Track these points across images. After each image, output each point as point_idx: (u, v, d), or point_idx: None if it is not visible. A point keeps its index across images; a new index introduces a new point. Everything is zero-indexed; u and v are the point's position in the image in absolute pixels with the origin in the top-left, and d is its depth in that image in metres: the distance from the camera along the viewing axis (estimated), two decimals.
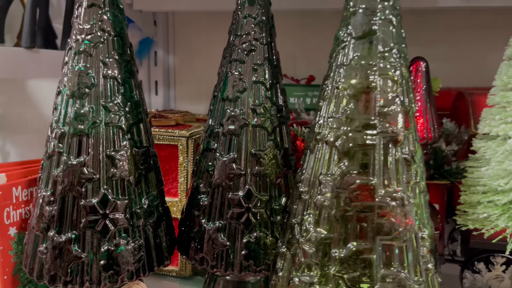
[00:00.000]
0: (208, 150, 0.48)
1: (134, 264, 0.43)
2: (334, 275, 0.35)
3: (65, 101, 0.42)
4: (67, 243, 0.41)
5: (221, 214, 0.46)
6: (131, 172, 0.43)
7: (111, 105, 0.42)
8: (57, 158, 0.42)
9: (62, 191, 0.41)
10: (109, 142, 0.42)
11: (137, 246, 0.43)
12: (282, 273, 0.39)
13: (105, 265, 0.42)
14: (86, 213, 0.41)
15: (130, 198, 0.43)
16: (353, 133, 0.35)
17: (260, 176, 0.46)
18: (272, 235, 0.46)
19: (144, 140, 0.46)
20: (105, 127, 0.42)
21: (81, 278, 0.41)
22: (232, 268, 0.46)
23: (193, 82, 0.99)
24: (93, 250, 0.41)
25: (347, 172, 0.35)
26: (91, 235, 0.41)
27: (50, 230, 0.42)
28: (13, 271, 0.48)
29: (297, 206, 0.39)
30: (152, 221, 0.45)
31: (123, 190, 0.43)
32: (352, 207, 0.35)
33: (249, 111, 0.46)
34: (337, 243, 0.35)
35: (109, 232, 0.42)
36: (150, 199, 0.45)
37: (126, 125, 0.43)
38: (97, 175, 0.42)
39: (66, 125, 0.42)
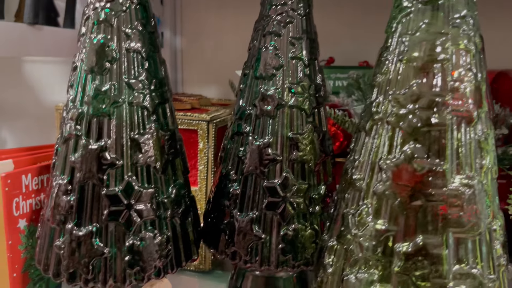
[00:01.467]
0: (239, 133, 0.43)
1: (161, 260, 0.39)
2: (398, 272, 0.31)
3: (83, 78, 0.37)
4: (87, 237, 0.36)
5: (255, 204, 0.42)
6: (157, 158, 0.38)
7: (135, 82, 0.38)
8: (75, 142, 0.37)
9: (81, 179, 0.37)
10: (133, 124, 0.38)
11: (164, 239, 0.39)
12: (332, 269, 0.35)
13: (130, 261, 0.37)
14: (109, 203, 0.37)
15: (157, 186, 0.39)
16: (421, 111, 0.31)
17: (298, 163, 0.42)
18: (311, 227, 0.42)
19: (170, 123, 0.41)
20: (128, 107, 0.37)
21: (103, 276, 0.37)
22: (268, 263, 0.42)
23: (202, 65, 0.94)
24: (117, 244, 0.37)
25: (413, 156, 0.31)
26: (114, 227, 0.37)
27: (68, 223, 0.37)
28: (23, 268, 0.44)
29: (350, 195, 0.34)
30: (179, 212, 0.41)
31: (149, 178, 0.38)
32: (419, 196, 0.30)
33: (285, 90, 0.42)
34: (401, 237, 0.31)
35: (134, 224, 0.37)
36: (177, 188, 0.41)
37: (151, 105, 0.38)
38: (120, 161, 0.37)
39: (84, 105, 0.37)
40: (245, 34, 0.97)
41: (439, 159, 0.30)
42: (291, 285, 0.47)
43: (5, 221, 0.41)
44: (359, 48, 0.79)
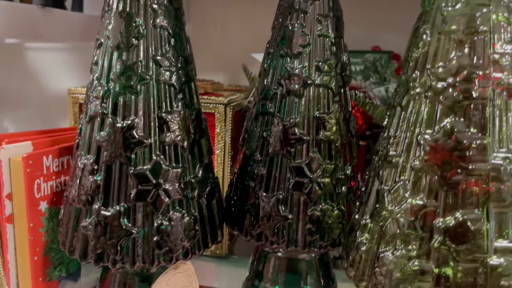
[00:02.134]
0: (263, 114, 0.43)
1: (189, 241, 0.38)
2: (438, 248, 0.30)
3: (109, 54, 0.37)
4: (115, 217, 0.36)
5: (281, 185, 0.41)
6: (184, 137, 0.38)
7: (162, 59, 0.37)
8: (101, 120, 0.36)
9: (107, 158, 0.36)
10: (160, 102, 0.37)
11: (192, 220, 0.38)
12: (366, 247, 0.34)
13: (158, 242, 0.36)
14: (137, 182, 0.36)
15: (184, 166, 0.38)
16: (461, 85, 0.30)
17: (325, 143, 0.41)
18: (338, 208, 0.42)
19: (195, 102, 0.40)
20: (155, 84, 0.36)
21: (132, 256, 0.36)
22: (295, 244, 0.41)
23: (210, 53, 0.93)
24: (145, 224, 0.36)
25: (452, 130, 0.30)
26: (142, 207, 0.36)
27: (95, 203, 0.36)
28: (44, 251, 0.43)
29: (385, 172, 0.34)
30: (206, 193, 0.40)
31: (176, 157, 0.37)
32: (459, 170, 0.30)
33: (312, 69, 0.41)
34: (441, 212, 0.31)
35: (162, 204, 0.36)
36: (204, 168, 0.40)
37: (178, 83, 0.37)
38: (149, 139, 0.36)
39: (110, 82, 0.36)
40: (251, 22, 0.96)
41: (480, 133, 0.30)
42: (314, 267, 0.47)
43: (26, 203, 0.40)
44: (370, 34, 0.79)
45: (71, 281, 0.47)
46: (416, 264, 0.31)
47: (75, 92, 0.59)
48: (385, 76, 0.58)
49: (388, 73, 0.58)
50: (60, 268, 0.45)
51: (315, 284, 0.47)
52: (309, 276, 0.47)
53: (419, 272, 0.31)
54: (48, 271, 0.44)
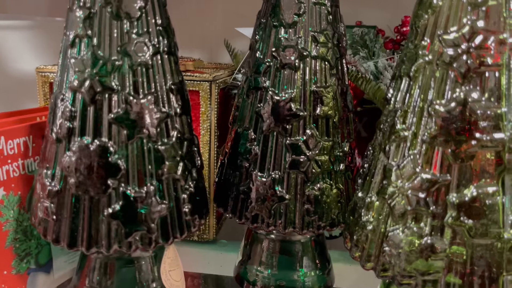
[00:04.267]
0: (256, 88, 0.40)
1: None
2: (452, 224, 0.29)
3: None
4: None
5: (277, 164, 0.39)
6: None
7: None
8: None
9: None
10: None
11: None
12: (372, 226, 0.33)
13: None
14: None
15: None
16: (476, 51, 0.28)
17: (322, 118, 0.39)
18: (336, 186, 0.40)
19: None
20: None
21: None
22: (293, 225, 0.39)
23: (185, 30, 0.88)
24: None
25: (466, 100, 0.28)
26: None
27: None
28: (6, 243, 0.39)
29: (392, 147, 0.32)
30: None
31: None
32: (474, 142, 0.28)
33: (308, 39, 0.38)
34: (454, 187, 0.29)
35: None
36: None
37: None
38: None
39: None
40: None
41: (495, 102, 0.28)
42: (309, 248, 0.45)
43: None
44: (353, 9, 0.77)
45: (43, 272, 0.44)
46: (428, 242, 0.29)
47: (44, 71, 0.54)
48: (374, 50, 0.56)
49: (377, 47, 0.56)
50: (28, 260, 0.41)
51: (310, 266, 0.45)
52: (304, 258, 0.45)
53: (431, 250, 0.29)
54: (14, 264, 0.40)
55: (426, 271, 0.30)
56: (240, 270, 0.46)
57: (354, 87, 0.52)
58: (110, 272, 0.39)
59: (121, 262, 0.39)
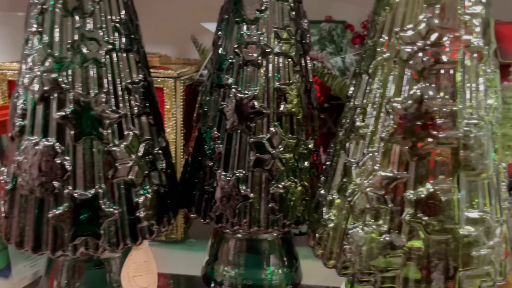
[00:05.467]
0: (219, 86, 0.39)
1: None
2: (409, 221, 0.29)
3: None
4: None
5: (241, 163, 0.38)
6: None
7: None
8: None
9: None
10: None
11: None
12: (334, 224, 0.32)
13: None
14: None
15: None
16: (432, 48, 0.28)
17: (286, 116, 0.39)
18: (301, 184, 0.40)
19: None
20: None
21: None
22: (257, 224, 0.39)
23: (154, 24, 0.86)
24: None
25: (423, 97, 0.29)
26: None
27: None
28: None
29: (352, 144, 0.32)
30: None
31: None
32: (430, 139, 0.29)
33: (271, 36, 0.38)
34: (412, 184, 0.29)
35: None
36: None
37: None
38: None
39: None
40: None
41: (450, 99, 0.28)
42: (276, 246, 0.45)
43: None
44: (323, 3, 0.76)
45: (1, 277, 0.42)
46: (387, 239, 0.30)
47: (2, 68, 0.52)
48: (342, 46, 0.56)
49: (345, 42, 0.56)
50: None
51: (278, 264, 0.45)
52: (271, 256, 0.45)
53: (390, 247, 0.30)
54: None
55: (385, 268, 0.30)
56: (207, 270, 0.46)
57: (321, 83, 0.52)
58: (79, 274, 0.38)
59: (90, 264, 0.38)
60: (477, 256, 0.29)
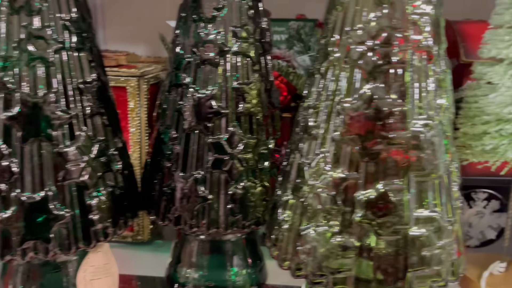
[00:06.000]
0: (177, 85, 0.39)
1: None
2: (360, 222, 0.29)
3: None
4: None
5: (199, 163, 0.38)
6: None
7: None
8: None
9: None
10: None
11: None
12: (288, 225, 0.32)
13: None
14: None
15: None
16: (381, 48, 0.28)
17: (245, 116, 0.38)
18: (261, 184, 0.39)
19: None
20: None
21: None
22: (216, 225, 0.38)
23: (127, 22, 0.85)
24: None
25: (372, 97, 0.28)
26: None
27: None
28: None
29: (305, 145, 0.32)
30: None
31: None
32: (380, 139, 0.28)
33: (228, 35, 0.37)
34: (363, 184, 0.29)
35: None
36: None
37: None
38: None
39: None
40: None
41: (400, 99, 0.28)
42: (240, 247, 0.45)
43: None
44: (295, 1, 0.76)
45: None
46: (338, 240, 0.29)
47: None
48: (310, 44, 0.56)
49: (313, 41, 0.56)
50: None
51: (242, 265, 0.45)
52: (235, 257, 0.44)
53: (342, 248, 0.29)
54: None
55: (336, 269, 0.30)
56: (171, 272, 0.45)
57: (287, 82, 0.51)
58: (34, 277, 0.38)
59: (46, 267, 0.37)
60: (427, 256, 0.29)
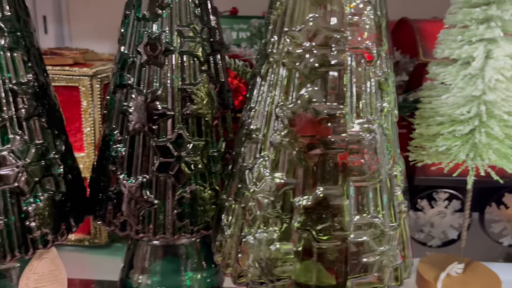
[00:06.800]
0: (122, 86, 0.37)
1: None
2: (298, 228, 0.28)
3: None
4: None
5: (144, 167, 0.37)
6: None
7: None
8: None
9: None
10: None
11: None
12: (230, 231, 0.31)
13: None
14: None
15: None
16: (318, 49, 0.27)
17: (193, 117, 0.37)
18: (211, 188, 0.38)
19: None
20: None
21: None
22: (163, 230, 0.37)
23: (92, 17, 0.83)
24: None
25: (310, 100, 0.28)
26: None
27: None
28: None
29: (246, 149, 0.31)
30: None
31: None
32: (318, 144, 0.28)
33: (174, 34, 0.36)
34: (301, 190, 0.28)
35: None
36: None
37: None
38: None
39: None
40: None
41: (338, 103, 0.27)
42: (195, 251, 0.44)
43: None
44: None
45: None
46: (277, 247, 0.29)
47: None
48: None
49: None
50: None
51: (196, 269, 0.44)
52: (189, 261, 0.43)
53: (281, 256, 0.29)
54: None
55: (276, 277, 0.29)
56: (123, 277, 0.44)
57: (246, 82, 0.50)
58: None
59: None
60: (367, 263, 0.28)
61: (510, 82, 0.37)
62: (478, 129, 0.38)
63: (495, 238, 0.56)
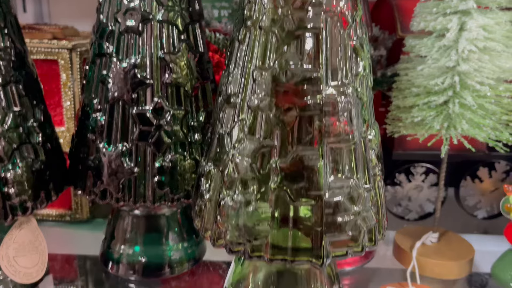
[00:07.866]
0: (100, 55, 0.37)
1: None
2: (275, 189, 0.29)
3: None
4: None
5: (124, 135, 0.37)
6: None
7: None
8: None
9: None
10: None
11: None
12: (209, 195, 0.32)
13: None
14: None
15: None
16: (295, 12, 0.28)
17: (172, 86, 0.37)
18: (191, 157, 0.39)
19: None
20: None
21: None
22: (143, 199, 0.38)
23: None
24: None
25: (287, 63, 0.28)
26: None
27: None
28: None
29: (224, 113, 0.31)
30: None
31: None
32: (294, 106, 0.28)
33: (152, 2, 0.36)
34: (277, 151, 0.29)
35: None
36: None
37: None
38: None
39: None
40: None
41: (313, 66, 0.28)
42: (176, 222, 0.44)
43: None
44: None
45: None
46: (254, 207, 0.29)
47: None
48: None
49: None
50: None
51: (177, 239, 0.44)
52: (170, 232, 0.44)
53: (257, 215, 0.29)
54: None
55: (252, 237, 0.29)
56: (105, 249, 0.44)
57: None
58: None
59: None
60: (342, 222, 0.29)
61: (482, 53, 0.38)
62: (452, 99, 0.39)
63: (470, 211, 0.57)
